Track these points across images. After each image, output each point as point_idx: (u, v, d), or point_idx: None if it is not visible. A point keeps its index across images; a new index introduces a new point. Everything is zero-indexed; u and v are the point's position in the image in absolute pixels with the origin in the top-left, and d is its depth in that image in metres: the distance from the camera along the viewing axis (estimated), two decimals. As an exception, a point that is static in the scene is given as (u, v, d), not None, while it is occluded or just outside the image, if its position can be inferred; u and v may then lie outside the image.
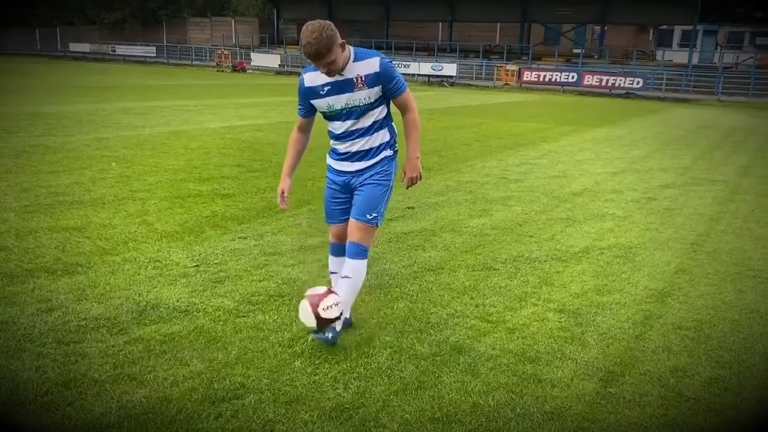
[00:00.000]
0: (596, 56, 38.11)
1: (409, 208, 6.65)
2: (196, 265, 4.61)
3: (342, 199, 3.53)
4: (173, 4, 51.25)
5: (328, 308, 3.27)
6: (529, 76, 32.33)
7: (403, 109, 3.38)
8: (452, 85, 33.16)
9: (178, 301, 3.96)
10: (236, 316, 3.79)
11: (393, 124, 3.45)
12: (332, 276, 3.74)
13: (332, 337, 3.41)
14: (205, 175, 7.67)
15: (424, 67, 35.28)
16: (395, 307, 4.00)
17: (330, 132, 3.48)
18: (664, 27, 41.57)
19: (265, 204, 6.47)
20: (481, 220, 6.25)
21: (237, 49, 44.33)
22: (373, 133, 3.36)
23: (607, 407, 2.94)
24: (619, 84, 30.14)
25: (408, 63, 35.87)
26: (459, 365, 3.28)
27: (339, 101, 3.28)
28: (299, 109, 3.50)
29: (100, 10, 52.26)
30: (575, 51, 39.23)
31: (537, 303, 4.18)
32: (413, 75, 34.77)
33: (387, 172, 3.43)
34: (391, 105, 3.41)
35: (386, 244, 5.37)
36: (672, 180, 8.89)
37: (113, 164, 8.08)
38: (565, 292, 4.41)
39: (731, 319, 4.04)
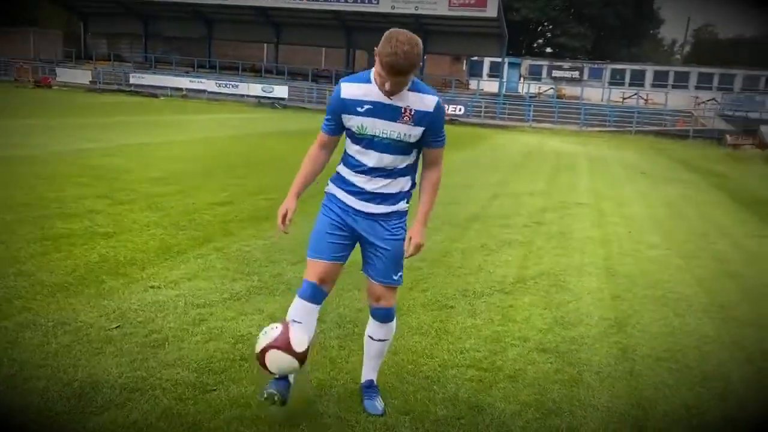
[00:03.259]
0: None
1: (321, 241, 6.15)
2: (118, 326, 3.76)
3: (341, 235, 2.98)
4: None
5: (298, 341, 2.73)
6: (359, 100, 32.89)
7: (431, 164, 2.92)
8: (284, 107, 32.71)
9: (120, 377, 3.15)
10: (204, 391, 3.09)
11: (416, 175, 2.98)
12: (295, 325, 2.89)
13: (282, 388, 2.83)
14: (69, 210, 6.50)
15: (254, 88, 34.47)
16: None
17: (347, 157, 2.93)
18: (476, 58, 44.82)
19: (157, 243, 5.60)
20: (401, 253, 5.96)
21: (39, 63, 39.92)
22: (397, 177, 2.89)
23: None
24: (445, 110, 31.74)
25: (236, 83, 34.79)
26: (490, 427, 2.94)
27: (375, 126, 2.77)
28: (326, 122, 2.92)
29: None
30: (398, 77, 40.78)
31: (515, 343, 3.97)
32: (243, 96, 33.78)
33: (403, 224, 2.99)
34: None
35: (322, 285, 4.85)
36: (543, 204, 9.32)
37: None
38: (532, 328, 4.26)
39: (693, 347, 4.14)
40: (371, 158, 2.84)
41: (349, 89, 2.79)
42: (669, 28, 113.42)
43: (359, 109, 2.76)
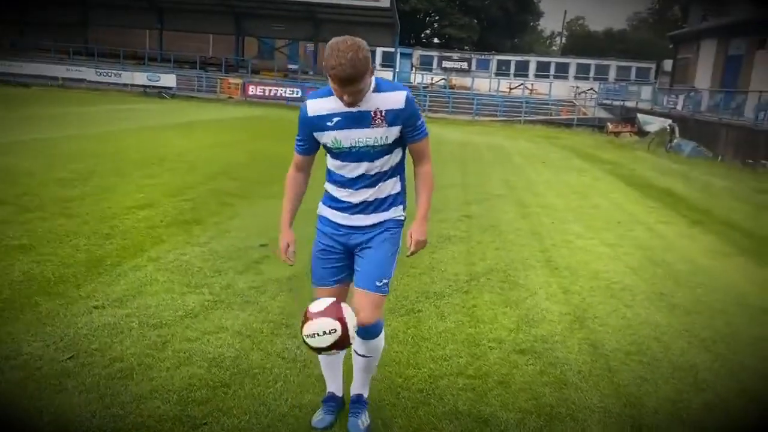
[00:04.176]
0: (311, 72, 39.48)
1: (262, 245, 5.87)
2: (71, 356, 3.36)
3: (336, 257, 2.84)
4: None
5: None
6: (254, 90, 32.02)
7: (419, 159, 2.81)
8: (172, 96, 31.18)
9: (93, 417, 2.80)
10: (194, 427, 2.81)
11: (405, 174, 2.86)
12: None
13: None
14: (-32, 221, 5.79)
15: (139, 77, 32.62)
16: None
17: (330, 174, 2.80)
18: (369, 48, 44.86)
19: (85, 255, 5.10)
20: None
21: None
22: (385, 180, 2.76)
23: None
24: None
25: (119, 72, 32.78)
26: (502, 439, 2.90)
27: (349, 138, 2.63)
28: (298, 144, 2.79)
29: None
30: (290, 66, 40.13)
31: (492, 346, 3.95)
32: (126, 85, 31.89)
33: (397, 232, 2.85)
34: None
35: (281, 295, 4.60)
36: (465, 196, 9.44)
37: None
38: (502, 328, 4.26)
39: (653, 338, 4.31)
40: (354, 169, 2.71)
41: (314, 106, 2.66)
42: (548, 20, 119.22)
43: (329, 124, 2.64)
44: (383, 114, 2.61)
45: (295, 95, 31.83)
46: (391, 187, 2.80)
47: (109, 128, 15.30)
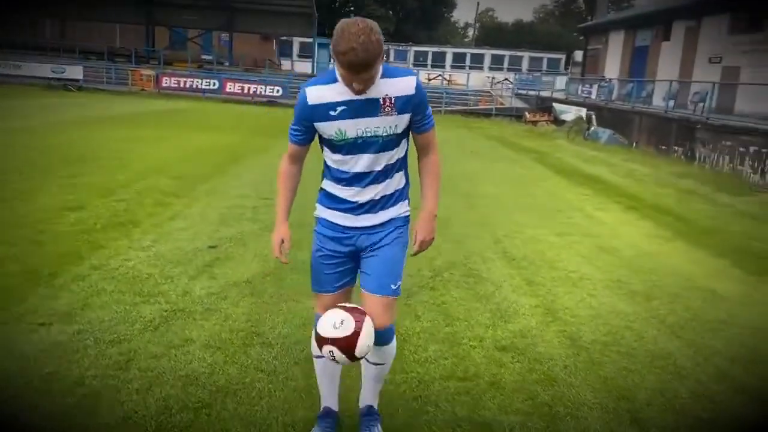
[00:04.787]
0: (227, 63, 38.35)
1: (211, 247, 5.52)
2: (23, 384, 2.97)
3: (340, 261, 2.63)
4: None
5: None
6: (168, 81, 30.69)
7: (426, 150, 2.62)
8: (79, 89, 29.43)
9: None
10: None
11: (408, 166, 2.67)
12: (321, 360, 2.67)
13: None
14: None
15: (43, 69, 30.56)
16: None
17: (330, 170, 2.58)
18: (285, 38, 44.07)
19: (19, 266, 4.63)
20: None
21: None
22: (392, 175, 2.57)
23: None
24: (261, 92, 30.83)
25: (19, 64, 30.62)
26: (510, 445, 2.78)
27: (355, 127, 2.42)
28: (294, 133, 2.56)
29: None
30: (204, 57, 38.81)
31: (474, 345, 3.84)
32: (28, 77, 29.81)
33: (405, 229, 2.67)
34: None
35: (243, 300, 4.32)
36: (411, 187, 9.33)
37: None
38: (479, 325, 4.17)
39: (624, 327, 4.33)
40: (359, 163, 2.50)
41: (315, 93, 2.43)
42: (460, 11, 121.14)
43: (332, 113, 2.41)
44: (393, 101, 2.41)
45: (212, 87, 30.78)
46: (398, 182, 2.61)
47: (22, 124, 14.18)
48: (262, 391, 3.08)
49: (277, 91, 30.91)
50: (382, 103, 2.40)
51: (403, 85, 2.42)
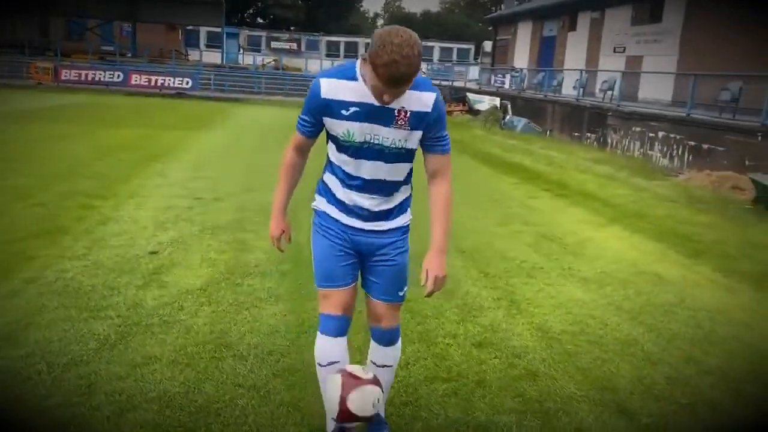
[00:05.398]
0: (130, 54, 36.58)
1: (152, 252, 5.18)
2: (-25, 421, 2.64)
3: (348, 254, 2.50)
4: None
5: (361, 402, 2.30)
6: (68, 74, 28.91)
7: (437, 176, 2.44)
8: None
9: None
10: None
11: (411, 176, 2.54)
12: (328, 368, 2.49)
13: None
14: None
15: None
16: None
17: (334, 167, 2.44)
18: (191, 28, 42.55)
19: (-66, 283, 4.15)
20: (253, 255, 5.31)
21: None
22: (400, 187, 2.48)
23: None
24: (169, 84, 29.62)
25: None
26: (513, 446, 2.74)
27: (362, 131, 2.28)
28: (302, 123, 2.40)
29: None
30: (105, 48, 36.84)
31: (449, 342, 3.78)
32: None
33: (407, 238, 2.61)
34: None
35: (202, 309, 4.06)
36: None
37: None
38: (449, 321, 4.11)
39: (587, 315, 4.40)
40: (363, 169, 2.38)
41: (330, 87, 2.28)
42: (369, 1, 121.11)
43: (344, 113, 2.27)
44: (407, 115, 2.28)
45: (116, 79, 29.32)
46: (404, 192, 2.53)
47: None
48: (245, 409, 2.88)
49: (187, 82, 29.85)
50: (396, 114, 2.26)
51: (421, 100, 2.28)
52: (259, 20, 56.75)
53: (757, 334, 4.23)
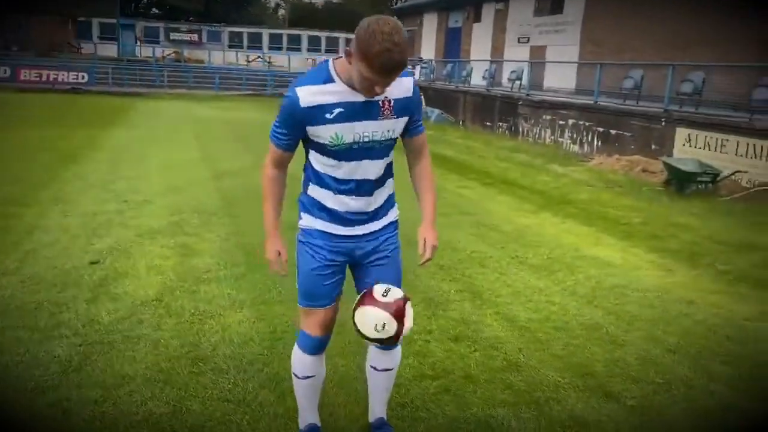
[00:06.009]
0: (16, 48, 34.06)
1: (93, 263, 4.86)
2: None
3: (334, 272, 2.44)
4: None
5: (362, 321, 2.30)
6: (-55, 70, 26.55)
7: (420, 154, 2.49)
8: None
9: None
10: None
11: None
12: (308, 381, 2.55)
13: None
14: None
15: None
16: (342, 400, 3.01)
17: (319, 177, 2.35)
18: (83, 19, 40.13)
19: None
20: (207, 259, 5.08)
21: None
22: (385, 181, 2.43)
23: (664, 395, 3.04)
24: (63, 79, 27.83)
25: None
26: (517, 439, 2.77)
27: (352, 132, 2.22)
28: (279, 137, 2.29)
29: None
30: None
31: (427, 338, 3.80)
32: None
33: (398, 233, 2.58)
34: None
35: (165, 321, 3.84)
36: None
37: None
38: (419, 316, 4.06)
39: (546, 301, 4.54)
40: (352, 171, 2.32)
41: (307, 94, 2.20)
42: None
43: (328, 116, 2.21)
44: (391, 103, 2.25)
45: (3, 75, 27.17)
46: (390, 186, 2.49)
47: None
48: (240, 425, 2.76)
49: (83, 77, 28.18)
50: (381, 105, 2.23)
51: (401, 87, 2.26)
52: (155, 11, 54.40)
53: (701, 310, 4.51)
